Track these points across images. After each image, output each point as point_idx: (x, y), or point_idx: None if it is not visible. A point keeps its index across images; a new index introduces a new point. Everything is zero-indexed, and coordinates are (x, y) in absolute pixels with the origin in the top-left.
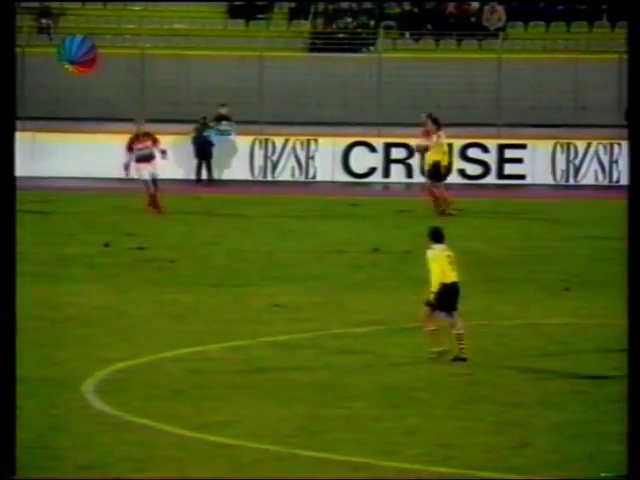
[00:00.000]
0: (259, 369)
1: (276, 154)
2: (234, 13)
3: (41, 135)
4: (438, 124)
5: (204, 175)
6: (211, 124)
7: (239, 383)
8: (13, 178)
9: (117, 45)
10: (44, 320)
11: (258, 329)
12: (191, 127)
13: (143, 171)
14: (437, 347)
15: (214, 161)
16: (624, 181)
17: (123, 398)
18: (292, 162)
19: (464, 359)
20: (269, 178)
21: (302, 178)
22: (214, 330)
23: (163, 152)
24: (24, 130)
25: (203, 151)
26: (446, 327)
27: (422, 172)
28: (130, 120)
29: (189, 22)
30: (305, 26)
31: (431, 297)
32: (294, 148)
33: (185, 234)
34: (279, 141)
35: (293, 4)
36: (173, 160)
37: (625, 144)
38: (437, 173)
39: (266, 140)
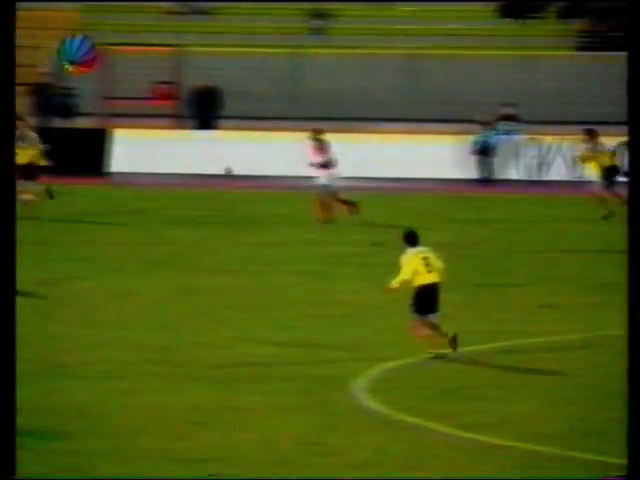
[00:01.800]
0: (528, 370)
1: (547, 153)
2: (505, 12)
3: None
4: (592, 133)
5: (484, 174)
6: (495, 124)
7: (508, 383)
8: (14, 178)
9: (389, 46)
10: (315, 318)
11: (526, 329)
12: (469, 127)
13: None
14: (436, 349)
15: (496, 160)
16: None
17: (394, 397)
18: (563, 162)
19: (455, 337)
20: (539, 177)
21: (573, 178)
22: (482, 330)
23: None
24: (297, 130)
25: (486, 150)
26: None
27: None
28: (403, 120)
29: (460, 22)
30: (575, 25)
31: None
32: (564, 148)
33: (456, 233)
34: (549, 140)
35: (565, 3)
36: (451, 160)
37: None
38: (612, 177)
39: (536, 139)
